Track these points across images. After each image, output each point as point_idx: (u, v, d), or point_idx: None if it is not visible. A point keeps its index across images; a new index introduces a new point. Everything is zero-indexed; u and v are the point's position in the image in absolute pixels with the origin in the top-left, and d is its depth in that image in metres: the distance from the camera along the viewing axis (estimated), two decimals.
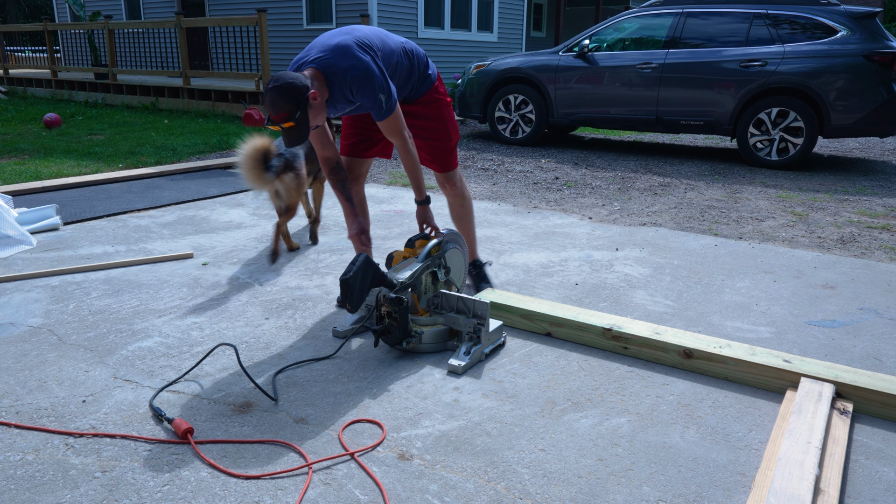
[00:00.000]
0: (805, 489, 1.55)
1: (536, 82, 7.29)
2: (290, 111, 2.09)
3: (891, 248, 3.75)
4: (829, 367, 2.12)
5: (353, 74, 2.18)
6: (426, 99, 2.56)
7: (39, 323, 2.53)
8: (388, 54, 2.34)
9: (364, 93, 2.22)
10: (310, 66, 2.22)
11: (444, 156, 2.66)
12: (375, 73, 2.19)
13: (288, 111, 2.09)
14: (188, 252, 3.37)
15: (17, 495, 1.57)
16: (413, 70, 2.48)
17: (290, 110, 2.09)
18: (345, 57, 2.19)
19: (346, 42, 2.22)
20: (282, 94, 2.07)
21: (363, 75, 2.18)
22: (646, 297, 2.93)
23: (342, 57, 2.19)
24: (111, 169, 5.63)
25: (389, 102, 2.24)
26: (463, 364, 2.20)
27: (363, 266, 2.11)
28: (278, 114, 2.10)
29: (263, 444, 1.79)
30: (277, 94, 2.08)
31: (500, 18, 14.35)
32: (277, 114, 2.10)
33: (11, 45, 14.23)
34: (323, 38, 2.30)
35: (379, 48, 2.30)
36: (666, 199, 4.93)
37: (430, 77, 2.52)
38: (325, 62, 2.20)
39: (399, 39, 2.45)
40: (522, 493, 1.62)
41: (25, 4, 38.03)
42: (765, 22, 6.27)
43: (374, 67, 2.20)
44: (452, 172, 2.72)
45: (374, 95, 2.21)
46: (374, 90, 2.20)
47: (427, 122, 2.59)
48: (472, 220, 2.86)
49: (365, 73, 2.18)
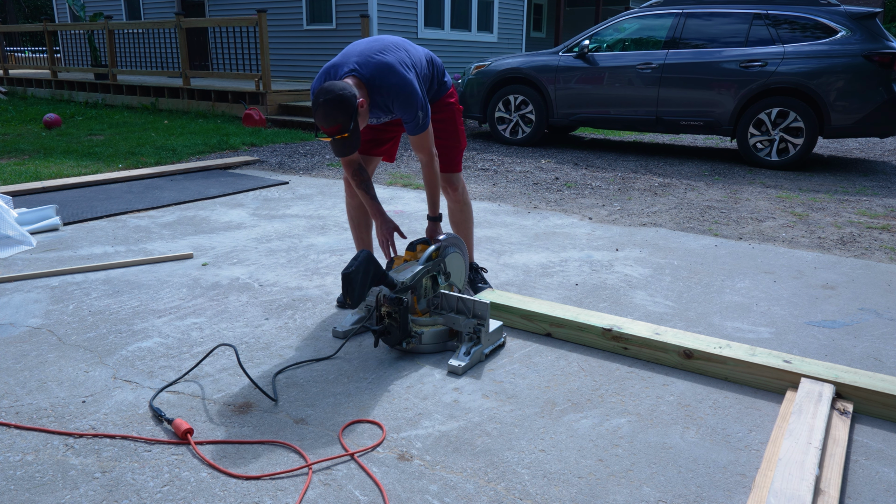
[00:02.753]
0: (805, 490, 1.55)
1: (536, 83, 7.29)
2: (344, 123, 2.12)
3: (891, 249, 3.75)
4: (829, 367, 2.12)
5: (398, 91, 2.26)
6: (441, 104, 2.65)
7: (39, 323, 2.53)
8: (420, 68, 2.44)
9: (405, 109, 2.29)
10: (351, 75, 2.26)
11: (452, 156, 2.73)
12: (417, 92, 2.28)
13: (341, 123, 2.12)
14: (188, 252, 3.37)
15: (17, 496, 1.57)
16: (433, 79, 2.58)
17: (344, 122, 2.12)
18: (391, 74, 2.26)
19: (389, 61, 2.28)
20: (336, 107, 2.09)
21: (407, 93, 2.27)
22: (646, 298, 2.92)
23: (388, 74, 2.26)
24: (111, 169, 5.63)
25: (425, 119, 2.33)
26: (463, 364, 2.20)
27: (365, 262, 2.11)
28: (332, 126, 2.12)
29: (263, 444, 1.79)
30: (332, 108, 2.09)
31: (499, 19, 14.35)
32: (331, 126, 2.12)
33: (11, 46, 14.23)
34: (359, 49, 2.33)
35: (416, 64, 2.39)
36: (666, 200, 4.93)
37: (445, 84, 2.62)
38: (368, 76, 2.25)
39: (424, 50, 2.55)
40: (522, 494, 1.62)
41: (25, 5, 38.03)
42: (765, 22, 6.28)
43: (417, 87, 2.29)
44: (456, 176, 2.77)
45: (413, 112, 2.29)
46: (414, 107, 2.28)
47: (439, 125, 2.66)
48: (471, 227, 2.90)
49: (409, 92, 2.27)
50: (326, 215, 4.28)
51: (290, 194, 4.89)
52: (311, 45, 12.14)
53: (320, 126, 2.14)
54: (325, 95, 2.10)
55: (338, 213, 4.33)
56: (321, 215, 4.27)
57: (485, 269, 3.05)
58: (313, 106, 2.13)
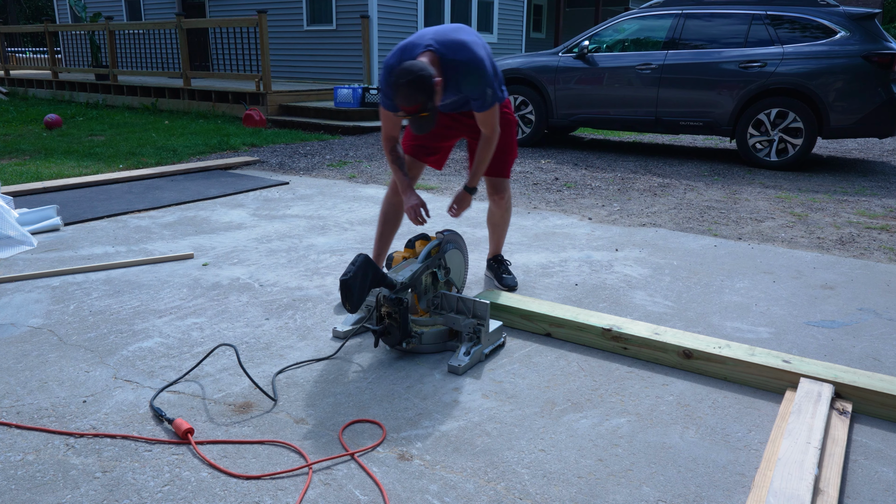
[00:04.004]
0: (804, 489, 1.55)
1: (536, 83, 7.29)
2: (424, 102, 2.18)
3: (890, 249, 3.76)
4: (828, 367, 2.12)
5: (469, 67, 2.35)
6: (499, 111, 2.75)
7: (40, 323, 2.54)
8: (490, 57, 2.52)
9: (475, 85, 2.38)
10: (428, 51, 2.33)
11: (504, 161, 2.81)
12: (488, 69, 2.39)
13: (422, 102, 2.18)
14: (188, 253, 3.38)
15: (18, 495, 1.57)
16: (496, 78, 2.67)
17: (424, 101, 2.18)
18: (465, 50, 2.36)
19: (463, 39, 2.38)
20: (417, 87, 2.15)
21: (478, 69, 2.37)
22: (645, 298, 2.93)
23: (462, 50, 2.36)
24: (112, 170, 5.64)
25: (494, 97, 2.44)
26: (463, 364, 2.20)
27: (363, 266, 2.12)
28: (413, 105, 2.18)
29: (263, 444, 1.80)
30: (413, 88, 2.15)
31: (499, 19, 14.36)
32: (412, 105, 2.19)
33: (12, 46, 14.23)
34: (435, 29, 2.43)
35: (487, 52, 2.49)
36: (665, 200, 4.93)
37: (504, 92, 2.69)
38: (443, 51, 2.34)
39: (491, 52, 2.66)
40: (522, 494, 1.62)
41: (26, 5, 38.05)
42: (764, 23, 6.28)
43: (487, 64, 2.39)
44: (505, 182, 2.85)
45: (482, 89, 2.39)
46: (482, 84, 2.38)
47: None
48: (507, 228, 3.04)
49: (480, 68, 2.37)
50: (326, 215, 4.29)
51: (291, 195, 4.90)
52: (312, 45, 12.15)
53: (400, 105, 2.20)
54: (407, 76, 2.15)
55: (338, 214, 4.33)
56: (321, 215, 4.28)
57: (509, 262, 3.14)
58: (391, 86, 2.19)
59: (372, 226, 4.04)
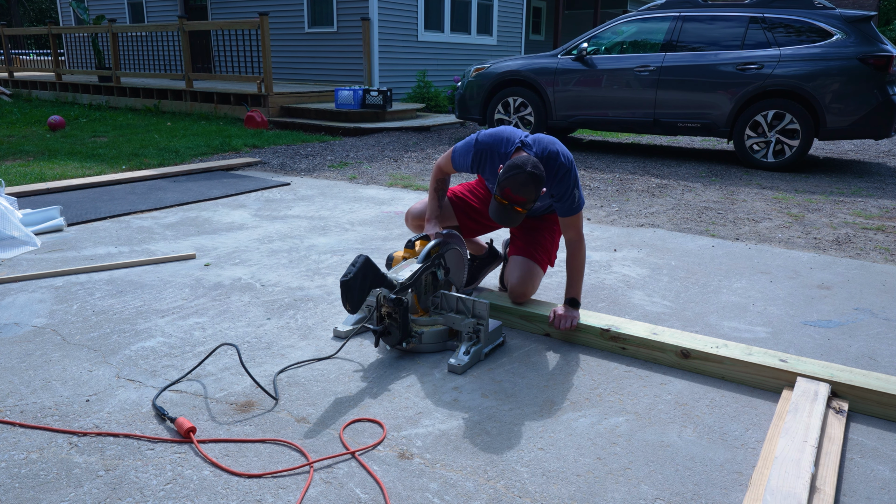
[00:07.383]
0: (801, 487, 1.57)
1: (535, 85, 7.32)
2: (531, 200, 2.21)
3: (886, 249, 3.77)
4: (824, 366, 2.14)
5: (562, 171, 2.40)
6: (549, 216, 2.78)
7: (44, 323, 2.55)
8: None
9: (564, 184, 2.40)
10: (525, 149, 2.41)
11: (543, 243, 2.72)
12: (573, 173, 2.44)
13: (528, 199, 2.19)
14: (191, 253, 3.40)
15: (22, 493, 1.59)
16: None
17: (532, 200, 2.20)
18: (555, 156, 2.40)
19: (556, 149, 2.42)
20: (537, 184, 2.17)
21: (566, 171, 2.41)
22: (643, 298, 2.95)
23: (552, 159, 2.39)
24: (115, 171, 5.66)
25: (580, 202, 2.45)
26: (462, 364, 2.22)
27: (363, 268, 2.14)
28: (520, 197, 2.18)
29: (265, 443, 1.82)
30: (535, 183, 2.17)
31: (499, 22, 14.38)
32: (519, 196, 2.18)
33: (16, 49, 14.26)
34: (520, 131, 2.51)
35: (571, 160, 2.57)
36: (663, 201, 4.95)
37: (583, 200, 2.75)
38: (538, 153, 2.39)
39: None
40: (521, 492, 1.64)
41: (30, 8, 38.11)
42: (761, 26, 6.30)
43: (573, 171, 2.44)
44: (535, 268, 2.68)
45: (570, 190, 2.41)
46: (570, 185, 2.41)
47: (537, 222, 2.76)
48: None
49: (568, 171, 2.42)
50: (327, 216, 4.31)
51: (292, 195, 4.92)
52: (313, 47, 12.18)
53: (506, 188, 2.18)
54: (533, 168, 2.17)
55: (339, 215, 4.35)
56: (322, 216, 4.30)
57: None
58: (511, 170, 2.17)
59: (372, 226, 4.06)
